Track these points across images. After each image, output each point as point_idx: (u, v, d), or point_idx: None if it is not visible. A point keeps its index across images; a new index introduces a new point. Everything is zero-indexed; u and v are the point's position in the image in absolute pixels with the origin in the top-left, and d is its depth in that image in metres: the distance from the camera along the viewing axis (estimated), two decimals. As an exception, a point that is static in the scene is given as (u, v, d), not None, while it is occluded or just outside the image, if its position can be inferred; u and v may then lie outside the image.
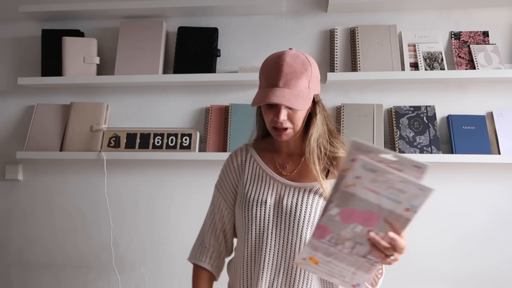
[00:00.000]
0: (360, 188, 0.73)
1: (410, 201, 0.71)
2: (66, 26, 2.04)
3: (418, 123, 1.82)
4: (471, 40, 1.86)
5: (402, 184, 0.70)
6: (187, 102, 2.00)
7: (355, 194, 0.73)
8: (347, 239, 0.79)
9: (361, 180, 0.72)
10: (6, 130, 2.08)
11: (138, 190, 2.00)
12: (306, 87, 1.01)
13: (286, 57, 1.01)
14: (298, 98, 0.99)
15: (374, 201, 0.73)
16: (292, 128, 1.04)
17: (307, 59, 1.03)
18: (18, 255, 2.06)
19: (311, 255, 0.83)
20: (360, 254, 0.80)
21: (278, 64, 1.00)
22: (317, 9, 1.96)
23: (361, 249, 0.80)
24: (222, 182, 1.19)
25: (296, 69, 1.00)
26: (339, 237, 0.79)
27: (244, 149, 1.20)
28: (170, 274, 1.97)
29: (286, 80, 0.99)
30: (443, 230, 1.84)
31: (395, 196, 0.71)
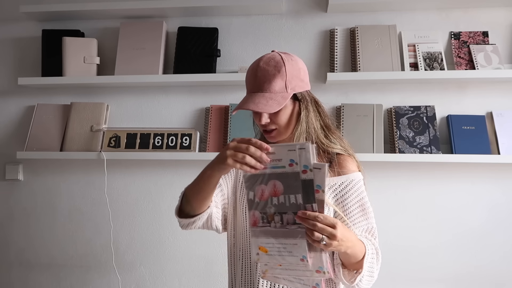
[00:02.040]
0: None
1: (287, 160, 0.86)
2: (66, 26, 2.05)
3: (418, 123, 1.83)
4: (471, 40, 1.86)
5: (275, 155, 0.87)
6: (187, 102, 2.00)
7: (254, 174, 0.90)
8: (273, 214, 0.90)
9: None
10: (6, 130, 2.08)
11: (138, 190, 2.00)
12: (282, 87, 1.02)
13: (260, 62, 1.05)
14: (269, 101, 1.01)
15: (268, 172, 0.89)
16: (278, 128, 1.07)
17: (282, 59, 1.04)
18: (18, 255, 2.06)
19: (259, 245, 0.91)
20: (290, 222, 0.89)
21: (254, 69, 1.05)
22: (317, 9, 1.96)
23: (288, 218, 0.89)
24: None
25: (269, 71, 1.02)
26: (267, 215, 0.90)
27: None
28: (170, 274, 1.98)
29: (259, 84, 1.03)
30: (443, 230, 1.84)
31: (277, 164, 0.88)
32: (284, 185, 0.88)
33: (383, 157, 1.76)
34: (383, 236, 1.84)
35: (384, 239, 1.84)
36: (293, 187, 0.87)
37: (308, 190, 0.85)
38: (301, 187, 0.86)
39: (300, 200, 0.87)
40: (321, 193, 0.85)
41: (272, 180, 0.89)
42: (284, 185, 0.88)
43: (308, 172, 0.85)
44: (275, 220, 0.89)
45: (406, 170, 1.85)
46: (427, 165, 1.83)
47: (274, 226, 0.90)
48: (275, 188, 0.89)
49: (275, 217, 0.89)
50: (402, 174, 1.86)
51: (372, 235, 1.08)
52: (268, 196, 0.89)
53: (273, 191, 0.89)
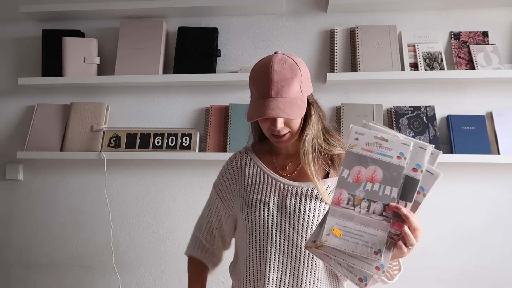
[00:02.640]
0: (359, 148, 0.89)
1: (397, 151, 0.87)
2: (67, 26, 2.05)
3: (418, 123, 1.83)
4: (471, 40, 1.86)
5: (387, 143, 0.88)
6: (187, 102, 2.00)
7: (358, 153, 0.88)
8: (361, 199, 0.88)
9: (359, 141, 0.89)
10: (6, 130, 2.08)
11: (138, 190, 2.00)
12: (299, 91, 1.00)
13: (273, 64, 0.99)
14: (293, 106, 0.98)
15: (375, 157, 0.88)
16: (290, 132, 1.04)
17: (294, 62, 1.01)
18: (18, 255, 2.06)
19: (334, 226, 0.88)
20: (376, 212, 0.87)
21: (267, 73, 0.98)
22: (317, 9, 1.96)
23: (376, 207, 0.87)
24: (221, 184, 1.19)
25: (286, 75, 0.98)
26: (354, 198, 0.88)
27: (243, 153, 1.19)
28: (170, 274, 1.98)
29: (278, 89, 0.97)
30: (443, 230, 1.84)
31: (386, 152, 0.87)
32: (384, 174, 0.87)
33: (383, 157, 1.76)
34: (383, 236, 1.84)
35: (384, 239, 1.84)
36: (392, 180, 0.86)
37: (410, 188, 0.85)
38: (401, 182, 0.86)
39: (394, 194, 0.86)
40: (421, 196, 0.85)
41: (374, 165, 0.87)
42: (384, 174, 0.87)
43: (418, 172, 0.84)
44: (362, 206, 0.88)
45: (406, 170, 1.85)
46: (427, 165, 1.83)
47: (358, 212, 0.88)
48: (374, 174, 0.87)
49: (363, 203, 0.88)
50: (402, 174, 1.86)
51: None
52: (363, 180, 0.88)
53: (370, 176, 0.88)
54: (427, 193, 0.84)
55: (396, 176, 0.86)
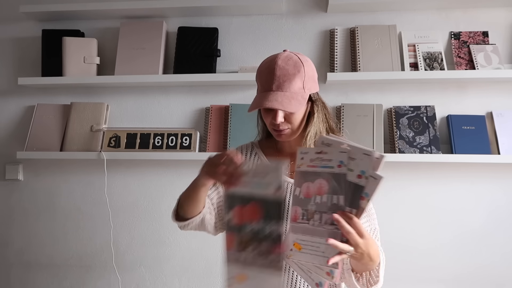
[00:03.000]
0: (305, 166, 0.93)
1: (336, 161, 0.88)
2: (66, 26, 2.05)
3: (418, 123, 1.83)
4: (471, 40, 1.86)
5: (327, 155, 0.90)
6: (187, 102, 2.00)
7: (305, 171, 0.93)
8: (314, 212, 0.91)
9: (304, 160, 0.93)
10: (6, 130, 2.08)
11: (138, 190, 2.00)
12: (301, 87, 1.02)
13: (278, 60, 1.02)
14: (292, 100, 1.00)
15: (318, 171, 0.91)
16: (290, 128, 1.05)
17: (299, 59, 1.04)
18: (18, 255, 2.06)
19: (295, 241, 0.92)
20: (328, 222, 0.89)
21: (271, 68, 1.02)
22: (317, 9, 1.96)
23: (327, 218, 0.90)
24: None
25: (289, 71, 1.01)
26: (307, 212, 0.91)
27: (250, 146, 1.20)
28: (170, 274, 1.98)
29: (279, 83, 1.00)
30: (443, 230, 1.84)
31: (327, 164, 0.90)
32: (329, 185, 0.89)
33: (383, 157, 1.76)
34: (383, 236, 1.83)
35: (385, 239, 1.84)
36: (337, 188, 0.88)
37: (355, 195, 0.86)
38: (345, 189, 0.87)
39: (341, 202, 0.87)
40: (365, 202, 0.85)
41: (320, 178, 0.90)
42: (330, 185, 0.89)
43: (363, 178, 0.85)
44: (314, 218, 0.90)
45: (406, 170, 1.85)
46: (427, 165, 1.84)
47: (312, 224, 0.90)
48: (321, 186, 0.90)
49: (315, 215, 0.90)
50: (402, 174, 1.86)
51: (375, 237, 1.08)
52: (313, 194, 0.91)
53: (318, 189, 0.90)
54: (370, 198, 0.84)
55: (340, 184, 0.88)
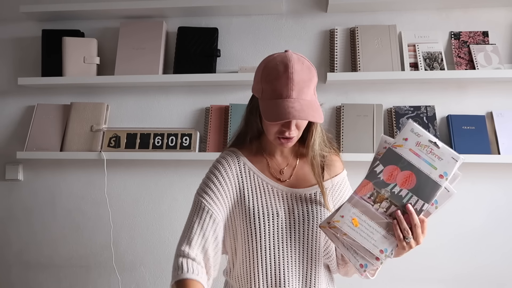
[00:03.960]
0: (406, 149, 0.86)
1: (444, 168, 0.84)
2: (66, 26, 2.05)
3: (418, 123, 1.81)
4: (471, 40, 1.86)
5: (439, 150, 0.85)
6: (187, 102, 2.00)
7: (401, 154, 0.86)
8: (384, 199, 0.87)
9: (408, 142, 0.86)
10: (6, 130, 2.08)
11: (138, 190, 2.00)
12: (313, 94, 0.98)
13: (294, 63, 0.94)
14: (314, 109, 0.94)
15: (415, 163, 0.85)
16: (297, 135, 1.02)
17: (309, 63, 0.99)
18: (18, 255, 2.06)
19: (354, 216, 0.88)
20: (393, 216, 0.87)
21: (286, 71, 0.93)
22: (317, 9, 1.96)
23: (393, 210, 0.87)
24: (213, 191, 1.05)
25: (305, 77, 0.94)
26: (378, 195, 0.87)
27: (234, 157, 1.10)
28: (170, 274, 1.97)
29: (299, 90, 0.93)
30: (443, 230, 1.84)
31: (432, 162, 0.85)
32: (417, 184, 0.86)
33: (383, 157, 1.76)
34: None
35: (384, 239, 1.84)
36: (425, 194, 0.85)
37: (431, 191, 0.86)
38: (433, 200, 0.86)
39: (419, 206, 0.86)
40: (433, 208, 0.86)
41: (411, 172, 0.86)
42: (418, 184, 0.86)
43: (443, 179, 0.85)
44: (382, 205, 0.87)
45: (406, 170, 1.85)
46: (427, 165, 1.83)
47: (376, 209, 0.87)
48: (408, 180, 0.86)
49: (384, 202, 0.87)
50: (402, 174, 1.86)
51: None
52: (394, 181, 0.86)
53: (402, 180, 0.86)
54: (439, 207, 0.86)
55: (430, 192, 0.85)
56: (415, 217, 0.86)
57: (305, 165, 1.10)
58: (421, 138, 0.86)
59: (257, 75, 1.01)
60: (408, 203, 0.86)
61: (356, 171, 1.22)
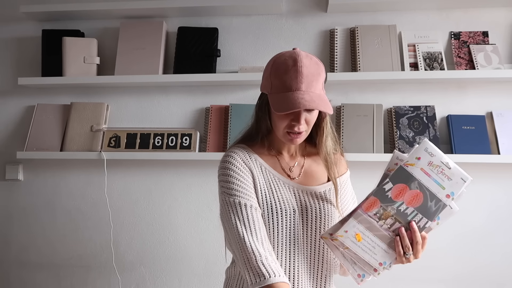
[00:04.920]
0: (417, 168, 0.86)
1: (451, 188, 0.85)
2: (66, 26, 2.05)
3: (418, 123, 1.82)
4: (471, 40, 1.86)
5: (450, 171, 0.86)
6: (187, 102, 2.00)
7: (412, 173, 0.86)
8: (389, 216, 0.88)
9: (420, 161, 0.86)
10: (6, 130, 2.08)
11: (138, 190, 2.00)
12: (321, 88, 1.01)
13: (302, 58, 0.97)
14: (324, 101, 0.97)
15: (425, 183, 0.86)
16: (306, 130, 1.03)
17: (317, 59, 1.03)
18: (18, 255, 2.06)
19: (358, 232, 0.89)
20: (396, 232, 0.88)
21: (296, 65, 0.96)
22: (317, 9, 1.96)
23: (397, 227, 0.88)
24: (239, 186, 1.02)
25: (313, 71, 0.98)
26: (384, 212, 0.87)
27: (244, 151, 1.09)
28: (170, 274, 1.98)
29: (308, 83, 0.96)
30: (443, 230, 1.82)
31: (442, 181, 0.86)
32: (424, 203, 0.86)
33: (383, 157, 1.76)
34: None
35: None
36: (430, 212, 0.86)
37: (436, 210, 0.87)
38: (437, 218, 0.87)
39: (423, 224, 0.87)
40: (434, 224, 0.87)
41: (419, 191, 0.86)
42: (425, 203, 0.86)
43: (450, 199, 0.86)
44: (387, 222, 0.88)
45: (406, 170, 1.85)
46: (427, 165, 1.83)
47: (381, 225, 0.89)
48: (415, 198, 0.87)
49: (389, 219, 0.88)
50: (402, 174, 1.86)
51: None
52: (401, 200, 0.87)
53: (410, 199, 0.87)
54: (440, 223, 0.87)
55: (435, 211, 0.86)
56: (418, 235, 0.88)
57: (313, 164, 1.12)
58: (434, 158, 0.87)
59: (266, 72, 1.04)
60: (412, 221, 0.87)
61: (356, 171, 1.23)
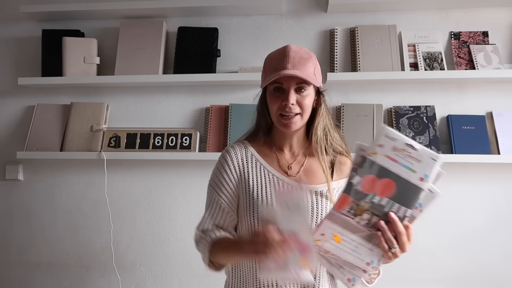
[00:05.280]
0: (381, 156, 0.81)
1: (423, 170, 0.79)
2: (66, 26, 2.05)
3: (418, 123, 1.83)
4: (471, 40, 1.86)
5: (417, 153, 0.80)
6: (187, 102, 2.00)
7: (376, 161, 0.81)
8: (365, 210, 0.83)
9: (383, 148, 0.81)
10: (6, 130, 2.08)
11: (138, 190, 2.00)
12: (312, 73, 1.03)
13: (290, 46, 1.04)
14: (308, 76, 1.00)
15: (393, 169, 0.80)
16: (301, 114, 1.03)
17: (310, 51, 1.07)
18: (18, 255, 2.06)
19: (335, 233, 0.85)
20: (376, 226, 0.83)
21: (284, 52, 1.03)
22: (317, 9, 1.96)
23: (376, 221, 0.83)
24: (221, 182, 1.09)
25: (302, 55, 1.02)
26: (358, 207, 0.83)
27: (242, 147, 1.13)
28: (170, 274, 1.98)
29: (294, 63, 1.01)
30: (443, 230, 1.84)
31: (411, 165, 0.80)
32: (397, 191, 0.81)
33: (383, 157, 1.76)
34: (383, 236, 1.84)
35: (384, 239, 1.84)
36: (406, 199, 0.81)
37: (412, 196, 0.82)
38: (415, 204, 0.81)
39: (402, 213, 0.82)
40: (417, 211, 0.81)
41: (389, 178, 0.81)
42: (398, 191, 0.81)
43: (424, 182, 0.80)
44: (363, 217, 0.83)
45: (406, 170, 1.85)
46: (427, 165, 1.83)
47: (358, 222, 0.83)
48: (386, 188, 0.81)
49: (365, 215, 0.83)
50: (402, 174, 1.86)
51: None
52: (373, 191, 0.82)
53: (381, 189, 0.82)
54: (423, 210, 0.81)
55: (411, 197, 0.81)
56: (399, 225, 0.82)
57: (315, 163, 1.11)
58: (396, 142, 0.81)
59: (263, 68, 1.09)
60: (391, 211, 0.82)
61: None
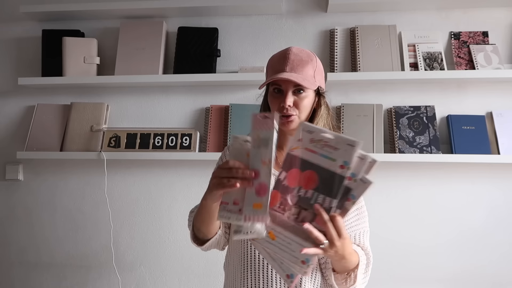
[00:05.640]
0: (302, 149, 0.82)
1: (342, 157, 0.79)
2: (67, 26, 2.05)
3: (418, 123, 1.83)
4: (471, 40, 1.86)
5: (333, 141, 0.80)
6: (187, 102, 2.00)
7: (298, 155, 0.83)
8: (293, 205, 0.83)
9: (302, 142, 0.83)
10: (6, 130, 2.08)
11: (138, 190, 2.00)
12: (312, 76, 1.04)
13: (292, 48, 1.06)
14: (304, 80, 1.02)
15: (313, 161, 0.81)
16: (298, 115, 1.05)
17: (311, 52, 1.09)
18: (18, 255, 2.06)
19: (270, 229, 0.83)
20: (306, 220, 0.81)
21: (285, 54, 1.05)
22: (317, 9, 1.96)
23: (306, 216, 0.81)
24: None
25: (302, 57, 1.04)
26: (286, 202, 0.83)
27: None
28: (170, 274, 1.98)
29: (293, 66, 1.03)
30: (443, 229, 1.84)
31: (329, 154, 0.80)
32: (320, 182, 0.80)
33: (383, 157, 1.76)
34: (383, 236, 1.84)
35: (384, 239, 1.84)
36: (330, 189, 0.79)
37: (336, 185, 0.79)
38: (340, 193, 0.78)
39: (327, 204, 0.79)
40: (350, 203, 0.79)
41: (310, 170, 0.81)
42: (321, 181, 0.80)
43: (345, 169, 0.78)
44: (292, 211, 0.82)
45: (406, 170, 1.85)
46: (427, 165, 1.83)
47: (288, 217, 0.82)
48: (309, 180, 0.81)
49: (293, 208, 0.82)
50: (402, 174, 1.86)
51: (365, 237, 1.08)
52: (297, 184, 0.82)
53: (305, 181, 0.81)
54: (356, 201, 0.78)
55: (335, 186, 0.79)
56: (324, 215, 0.79)
57: None
58: (313, 134, 0.82)
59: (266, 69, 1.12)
60: (316, 203, 0.80)
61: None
